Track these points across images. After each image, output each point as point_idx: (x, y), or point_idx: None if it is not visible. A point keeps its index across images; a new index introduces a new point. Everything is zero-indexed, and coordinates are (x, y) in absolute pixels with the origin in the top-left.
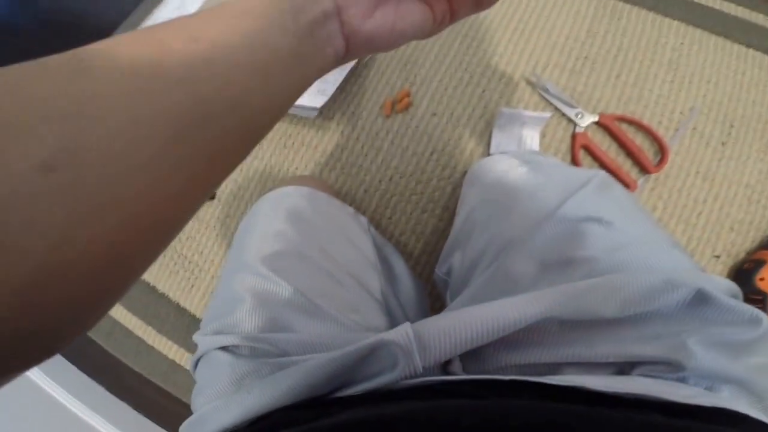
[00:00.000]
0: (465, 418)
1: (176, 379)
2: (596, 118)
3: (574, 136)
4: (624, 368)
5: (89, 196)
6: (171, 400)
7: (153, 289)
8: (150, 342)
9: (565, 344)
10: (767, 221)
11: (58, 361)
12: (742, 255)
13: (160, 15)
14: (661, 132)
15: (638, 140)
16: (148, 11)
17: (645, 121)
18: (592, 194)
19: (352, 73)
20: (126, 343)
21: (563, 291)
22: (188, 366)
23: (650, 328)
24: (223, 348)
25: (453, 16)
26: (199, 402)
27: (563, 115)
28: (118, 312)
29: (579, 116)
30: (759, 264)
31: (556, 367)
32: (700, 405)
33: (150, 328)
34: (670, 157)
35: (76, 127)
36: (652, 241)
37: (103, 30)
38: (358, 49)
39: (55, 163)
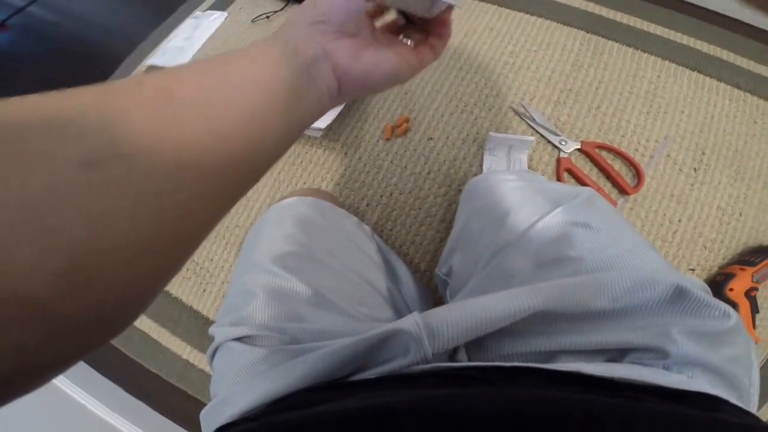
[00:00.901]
0: (475, 408)
1: (191, 377)
2: (578, 145)
3: (558, 161)
4: (615, 357)
5: (126, 191)
6: (186, 398)
7: (167, 294)
8: (164, 343)
9: (561, 334)
10: (737, 240)
11: (81, 367)
12: (714, 269)
13: (170, 46)
14: (637, 158)
15: (617, 165)
16: (157, 42)
17: (623, 149)
18: (580, 205)
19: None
20: (142, 345)
21: (557, 285)
22: (201, 365)
23: (636, 319)
24: (238, 339)
25: (421, 64)
26: (218, 389)
27: (548, 141)
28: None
29: (563, 143)
30: (729, 277)
31: (552, 355)
32: (687, 390)
33: (164, 330)
34: (647, 180)
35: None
36: (635, 245)
37: (113, 58)
38: (349, 88)
39: (96, 159)
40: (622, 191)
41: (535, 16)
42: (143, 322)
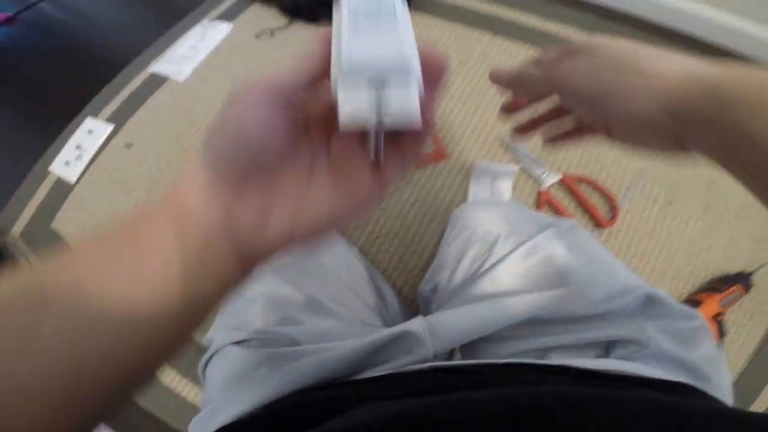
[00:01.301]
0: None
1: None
2: (559, 177)
3: (539, 194)
4: (602, 354)
5: None
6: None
7: None
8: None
9: (548, 335)
10: (706, 271)
11: None
12: (684, 297)
13: (174, 54)
14: (614, 191)
15: (594, 199)
16: (162, 49)
17: (601, 181)
18: (565, 230)
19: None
20: None
21: (545, 295)
22: (191, 399)
23: (615, 320)
24: (237, 343)
25: (382, 188)
26: (212, 395)
27: (530, 175)
28: None
29: (544, 174)
30: (696, 303)
31: (544, 353)
32: (668, 380)
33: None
34: (621, 214)
35: None
36: (612, 265)
37: (117, 62)
38: (257, 261)
39: None
40: (598, 224)
41: (528, 45)
42: None
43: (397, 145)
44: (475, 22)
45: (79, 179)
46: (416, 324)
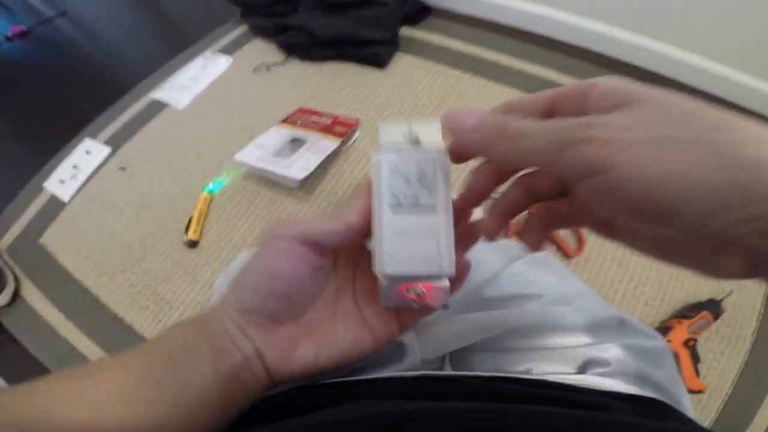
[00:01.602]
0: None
1: None
2: (527, 211)
3: (508, 226)
4: (580, 370)
5: None
6: None
7: (119, 320)
8: None
9: (531, 349)
10: (676, 298)
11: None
12: (656, 324)
13: (176, 82)
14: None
15: (562, 231)
16: (165, 76)
17: None
18: (538, 258)
19: (333, 156)
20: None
21: (523, 311)
22: None
23: (590, 337)
24: None
25: (402, 328)
26: None
27: None
28: (75, 336)
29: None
30: (667, 329)
31: (527, 366)
32: (648, 396)
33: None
34: (589, 245)
35: None
36: (582, 290)
37: (121, 85)
38: (284, 382)
39: None
40: (565, 255)
41: (505, 85)
42: (85, 344)
43: None
44: (457, 63)
45: (71, 198)
46: (406, 337)
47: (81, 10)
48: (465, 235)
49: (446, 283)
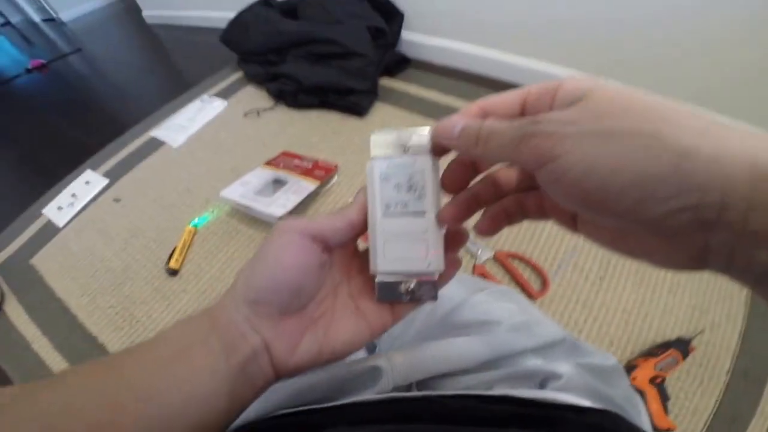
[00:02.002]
0: None
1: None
2: (492, 254)
3: (474, 267)
4: (542, 385)
5: None
6: None
7: (92, 338)
8: None
9: (492, 369)
10: (644, 338)
11: None
12: (622, 363)
13: (174, 122)
14: (547, 267)
15: (527, 273)
16: (164, 116)
17: (534, 258)
18: (500, 291)
19: (312, 197)
20: None
21: (489, 341)
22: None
23: (544, 358)
24: None
25: (395, 319)
26: None
27: (466, 250)
28: (47, 351)
29: (479, 251)
30: (633, 367)
31: (489, 385)
32: (607, 410)
33: None
34: (554, 287)
35: None
36: (540, 318)
37: (123, 123)
38: (288, 375)
39: None
40: (529, 296)
41: None
42: (54, 359)
43: None
44: (432, 113)
45: (66, 224)
46: (381, 360)
47: (95, 49)
48: (454, 236)
49: (435, 278)
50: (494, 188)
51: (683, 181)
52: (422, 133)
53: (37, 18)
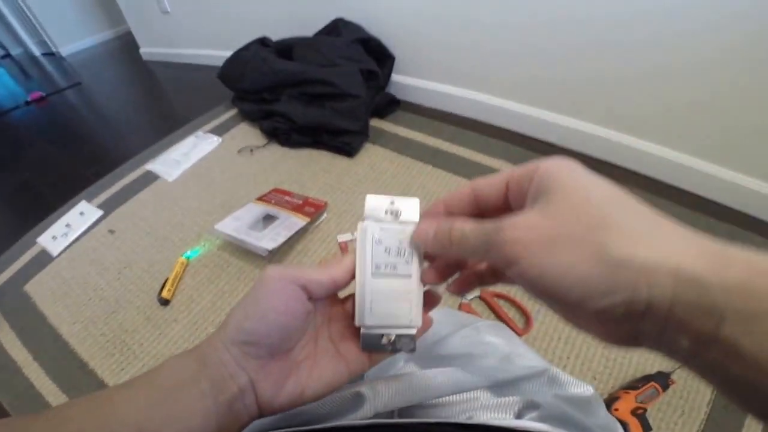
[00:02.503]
0: None
1: None
2: (478, 294)
3: (460, 305)
4: (519, 415)
5: None
6: None
7: (83, 363)
8: None
9: (473, 399)
10: (624, 373)
11: None
12: (604, 396)
13: (169, 157)
14: (530, 306)
15: (511, 312)
16: (159, 151)
17: (518, 297)
18: (487, 325)
19: (301, 233)
20: (33, 407)
21: (471, 373)
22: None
23: (527, 390)
24: None
25: (372, 363)
26: None
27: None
28: (37, 375)
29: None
30: (615, 399)
31: (469, 414)
32: None
33: (64, 396)
34: (537, 325)
35: None
36: (525, 351)
37: (118, 156)
38: (271, 413)
39: None
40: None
41: (463, 177)
42: (44, 383)
43: None
44: (420, 155)
45: (60, 253)
46: (364, 387)
47: (93, 84)
48: (430, 298)
49: (414, 332)
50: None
51: (618, 284)
52: (413, 202)
53: (37, 52)
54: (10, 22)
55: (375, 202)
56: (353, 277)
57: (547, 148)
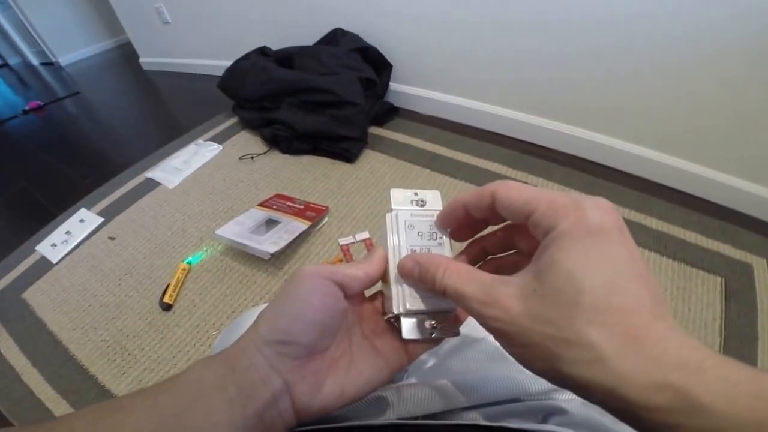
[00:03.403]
0: None
1: None
2: None
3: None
4: (544, 420)
5: None
6: None
7: (82, 369)
8: (58, 415)
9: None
10: None
11: None
12: None
13: (169, 164)
14: None
15: None
16: (160, 159)
17: None
18: None
19: (303, 237)
20: (32, 413)
21: (502, 380)
22: None
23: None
24: None
25: (410, 358)
26: None
27: None
28: (36, 381)
29: None
30: None
31: (494, 420)
32: None
33: (64, 402)
34: None
35: None
36: None
37: (118, 165)
38: (311, 417)
39: None
40: None
41: (459, 180)
42: (44, 390)
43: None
44: (418, 159)
45: (60, 260)
46: (388, 391)
47: (92, 93)
48: None
49: (455, 311)
50: (502, 242)
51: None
52: (435, 193)
53: (35, 61)
54: (7, 31)
55: (400, 194)
56: (385, 271)
57: (539, 151)
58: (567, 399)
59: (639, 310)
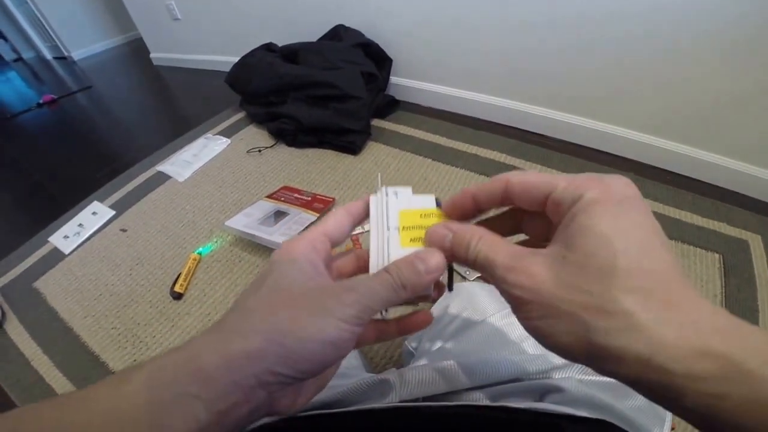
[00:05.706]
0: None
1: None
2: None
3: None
4: (541, 398)
5: None
6: None
7: (94, 356)
8: None
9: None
10: None
11: None
12: None
13: (179, 158)
14: None
15: None
16: (170, 153)
17: None
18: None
19: (311, 227)
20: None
21: (501, 363)
22: None
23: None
24: None
25: (383, 338)
26: None
27: (457, 271)
28: (47, 368)
29: (467, 272)
30: None
31: (494, 399)
32: (602, 419)
33: (74, 388)
34: None
35: None
36: None
37: (129, 158)
38: (287, 416)
39: None
40: None
41: (461, 168)
42: (54, 376)
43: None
44: (420, 150)
45: (72, 251)
46: (391, 374)
47: (104, 87)
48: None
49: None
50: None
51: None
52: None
53: (49, 56)
54: (22, 26)
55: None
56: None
57: (536, 138)
58: (564, 377)
59: (672, 277)
